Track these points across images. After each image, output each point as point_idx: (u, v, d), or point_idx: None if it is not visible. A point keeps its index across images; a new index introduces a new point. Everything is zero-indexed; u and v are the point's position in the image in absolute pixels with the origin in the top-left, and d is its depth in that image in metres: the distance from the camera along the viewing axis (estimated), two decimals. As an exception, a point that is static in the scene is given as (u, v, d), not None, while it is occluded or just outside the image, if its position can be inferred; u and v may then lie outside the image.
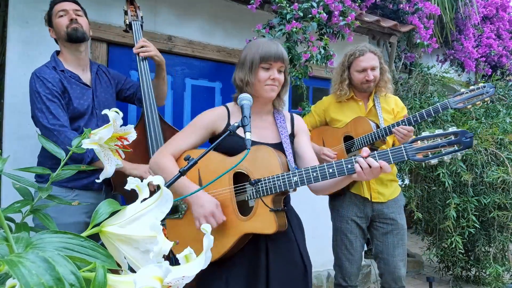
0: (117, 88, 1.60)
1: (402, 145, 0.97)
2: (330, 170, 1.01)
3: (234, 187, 1.09)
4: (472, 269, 2.96)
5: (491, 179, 2.42)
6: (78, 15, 1.42)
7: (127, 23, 1.56)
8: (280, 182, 1.03)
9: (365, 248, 2.85)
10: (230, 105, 1.24)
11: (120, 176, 1.26)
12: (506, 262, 2.65)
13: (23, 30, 1.73)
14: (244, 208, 1.09)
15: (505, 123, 2.81)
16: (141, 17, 1.59)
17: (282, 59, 1.14)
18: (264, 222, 1.03)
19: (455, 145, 0.92)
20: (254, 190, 1.06)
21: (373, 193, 1.71)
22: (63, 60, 1.43)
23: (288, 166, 1.09)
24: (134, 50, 1.50)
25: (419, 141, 0.95)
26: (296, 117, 1.29)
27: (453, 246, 2.49)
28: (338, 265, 1.76)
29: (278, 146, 1.16)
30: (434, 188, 2.77)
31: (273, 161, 1.06)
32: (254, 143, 1.12)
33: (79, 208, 1.35)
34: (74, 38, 1.39)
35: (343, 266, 1.73)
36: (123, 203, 1.64)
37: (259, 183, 1.04)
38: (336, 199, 1.78)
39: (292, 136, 1.24)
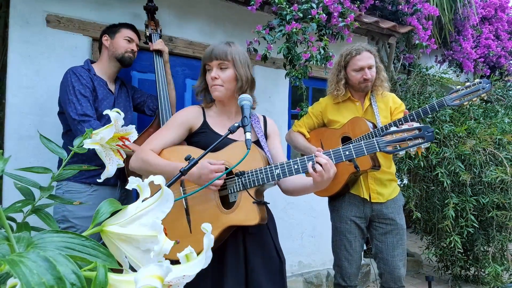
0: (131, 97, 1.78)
1: (374, 139, 1.08)
2: (310, 163, 1.06)
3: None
4: (471, 269, 2.96)
5: (489, 179, 2.43)
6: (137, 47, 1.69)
7: (147, 34, 1.79)
8: (263, 175, 1.07)
9: (364, 248, 2.86)
10: (205, 103, 1.27)
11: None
12: (505, 262, 2.65)
13: (24, 30, 1.73)
14: (225, 203, 1.12)
15: (504, 123, 2.82)
16: (160, 30, 1.84)
17: (216, 56, 1.15)
18: (247, 213, 1.07)
19: (420, 139, 1.05)
20: (238, 183, 1.10)
21: (372, 194, 1.71)
22: (96, 69, 1.60)
23: (268, 160, 1.15)
24: (153, 46, 1.72)
25: (388, 135, 1.08)
26: (269, 119, 1.33)
27: (452, 245, 2.50)
28: (338, 265, 1.76)
29: (256, 144, 1.19)
30: (433, 187, 2.78)
31: (255, 155, 1.10)
32: (231, 141, 1.15)
33: (95, 203, 1.44)
34: (125, 63, 1.63)
35: (342, 266, 1.73)
36: (135, 196, 1.69)
37: (244, 175, 1.08)
38: (336, 199, 1.78)
39: (265, 136, 1.28)
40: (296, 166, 1.07)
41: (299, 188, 1.16)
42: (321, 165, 1.01)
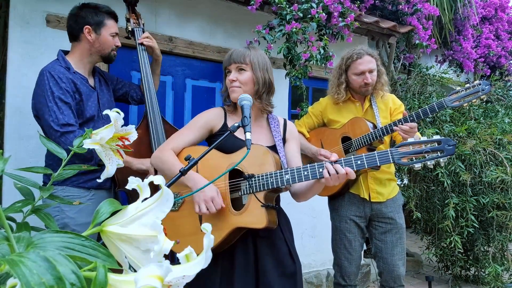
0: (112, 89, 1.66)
1: (388, 150, 1.03)
2: (320, 170, 1.05)
3: (229, 183, 1.14)
4: (471, 269, 2.96)
5: (489, 179, 2.43)
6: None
7: (130, 29, 1.64)
8: (273, 179, 1.07)
9: (364, 247, 2.86)
10: (227, 106, 1.29)
11: (125, 173, 1.29)
12: (505, 262, 2.65)
13: (24, 30, 1.73)
14: (238, 205, 1.12)
15: (504, 123, 2.82)
16: (143, 24, 1.67)
17: (234, 59, 1.19)
18: (255, 217, 1.07)
19: (438, 152, 0.99)
20: (247, 185, 1.09)
21: (372, 193, 1.71)
22: (73, 62, 1.44)
23: (281, 165, 1.14)
24: (139, 40, 1.56)
25: (404, 146, 1.01)
26: (289, 123, 1.34)
27: (452, 245, 2.50)
28: (337, 264, 1.76)
29: (272, 148, 1.20)
30: (433, 187, 2.78)
31: (268, 159, 1.10)
32: (244, 143, 1.15)
33: (95, 208, 1.38)
34: (110, 61, 1.52)
35: (342, 265, 1.74)
36: (124, 200, 1.67)
37: (253, 179, 1.08)
38: (336, 199, 1.79)
39: (283, 140, 1.29)
40: (306, 173, 1.06)
41: (305, 188, 1.17)
42: (329, 173, 1.04)
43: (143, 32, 1.64)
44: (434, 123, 2.82)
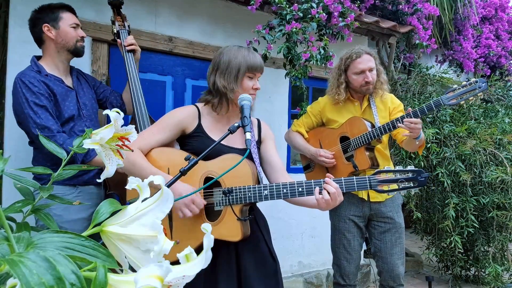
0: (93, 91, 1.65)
1: (367, 176, 1.07)
2: (300, 189, 1.06)
3: (203, 190, 1.11)
4: (471, 269, 2.96)
5: (490, 179, 2.43)
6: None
7: (115, 31, 1.64)
8: (251, 194, 1.06)
9: (365, 248, 2.86)
10: (200, 105, 1.23)
11: (114, 176, 1.26)
12: (505, 262, 2.65)
13: (24, 30, 1.72)
14: (210, 211, 1.10)
15: (504, 123, 2.82)
16: (128, 25, 1.67)
17: (263, 69, 1.22)
18: (230, 230, 1.06)
19: (411, 182, 1.05)
20: (224, 198, 1.07)
21: (370, 193, 1.71)
22: (46, 65, 1.44)
23: (258, 177, 1.12)
24: (125, 43, 1.56)
25: (382, 174, 1.07)
26: (263, 123, 1.31)
27: (452, 245, 2.50)
28: (337, 264, 1.77)
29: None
30: (433, 187, 2.78)
31: (246, 172, 1.08)
32: (223, 147, 1.14)
33: (83, 205, 1.36)
34: (79, 54, 1.50)
35: (341, 265, 1.74)
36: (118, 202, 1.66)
37: (231, 193, 1.06)
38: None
39: (259, 142, 1.26)
40: (285, 191, 1.06)
41: (300, 202, 1.16)
42: (329, 193, 1.03)
43: (129, 34, 1.63)
44: (434, 123, 2.82)
